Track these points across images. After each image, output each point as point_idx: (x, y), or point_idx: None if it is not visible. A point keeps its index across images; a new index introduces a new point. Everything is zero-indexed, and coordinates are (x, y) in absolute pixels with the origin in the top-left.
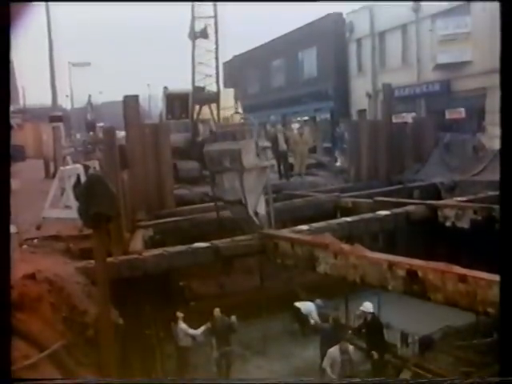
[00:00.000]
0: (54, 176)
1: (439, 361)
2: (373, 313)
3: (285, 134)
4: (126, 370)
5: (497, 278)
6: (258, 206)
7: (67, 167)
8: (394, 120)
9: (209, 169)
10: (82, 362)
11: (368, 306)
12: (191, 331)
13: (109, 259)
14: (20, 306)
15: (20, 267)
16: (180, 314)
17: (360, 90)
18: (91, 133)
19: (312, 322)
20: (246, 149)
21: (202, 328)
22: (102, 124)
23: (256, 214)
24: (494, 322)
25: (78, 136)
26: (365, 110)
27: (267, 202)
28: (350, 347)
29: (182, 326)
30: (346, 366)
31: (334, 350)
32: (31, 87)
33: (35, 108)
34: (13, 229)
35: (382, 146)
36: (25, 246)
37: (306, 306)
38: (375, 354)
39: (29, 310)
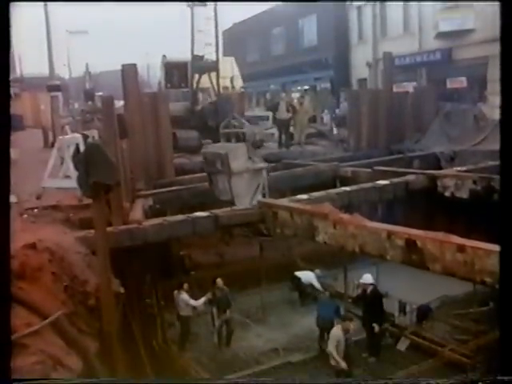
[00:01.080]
0: (52, 145)
1: (436, 329)
2: (373, 284)
3: (287, 102)
4: (126, 339)
5: (495, 247)
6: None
7: (66, 136)
8: (394, 89)
9: (205, 169)
10: (83, 331)
11: (367, 278)
12: (192, 302)
13: (109, 229)
14: (21, 275)
15: (20, 237)
16: (185, 285)
17: (360, 59)
18: (90, 102)
19: (316, 288)
20: (235, 153)
21: (203, 299)
22: (100, 93)
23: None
24: (490, 291)
25: (77, 105)
26: (365, 79)
27: None
28: (351, 325)
29: (184, 296)
30: (349, 345)
31: (336, 331)
32: (28, 56)
33: (32, 77)
34: (13, 198)
35: (382, 116)
36: (25, 216)
37: (306, 276)
38: (376, 327)
39: (30, 279)
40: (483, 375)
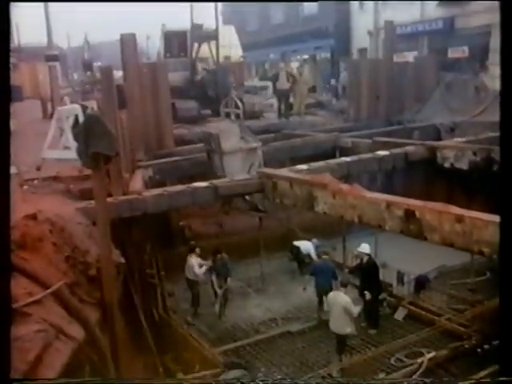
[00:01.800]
0: (51, 116)
1: (433, 299)
2: (369, 254)
3: (287, 72)
4: (127, 308)
5: (493, 218)
6: None
7: (65, 107)
8: (395, 59)
9: (204, 147)
10: (84, 300)
11: (364, 248)
12: (196, 269)
13: (109, 199)
14: (22, 246)
15: (21, 208)
16: (197, 249)
17: (361, 28)
18: (88, 72)
19: (312, 259)
20: (226, 133)
21: (204, 268)
22: (99, 63)
23: None
24: (488, 261)
25: (76, 76)
26: (366, 49)
27: None
28: (345, 299)
29: (192, 260)
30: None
31: (345, 297)
32: (25, 25)
33: (30, 47)
34: (12, 169)
35: (383, 86)
36: (25, 187)
37: (304, 245)
38: (368, 295)
39: (31, 249)
40: (478, 343)
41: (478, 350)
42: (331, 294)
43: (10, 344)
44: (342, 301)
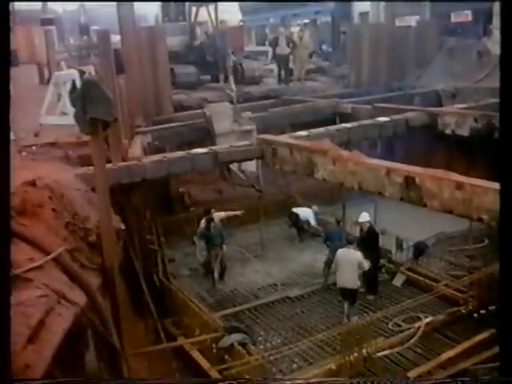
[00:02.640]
0: (48, 82)
1: (432, 265)
2: (369, 222)
3: (287, 36)
4: (128, 274)
5: (493, 185)
6: (244, 164)
7: (62, 72)
8: (396, 23)
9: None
10: (85, 266)
11: (364, 217)
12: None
13: (108, 166)
14: (22, 212)
15: (20, 174)
16: (212, 210)
17: None
18: (85, 37)
19: (312, 226)
20: (220, 115)
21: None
22: (96, 27)
23: (241, 170)
24: (486, 228)
25: (72, 41)
26: (367, 13)
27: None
28: (356, 253)
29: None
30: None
31: (357, 254)
32: None
33: (25, 10)
34: (10, 136)
35: (384, 51)
36: (23, 153)
37: (303, 212)
38: (369, 263)
39: (31, 215)
40: (475, 309)
41: (475, 315)
42: (341, 251)
43: (11, 321)
44: (354, 256)
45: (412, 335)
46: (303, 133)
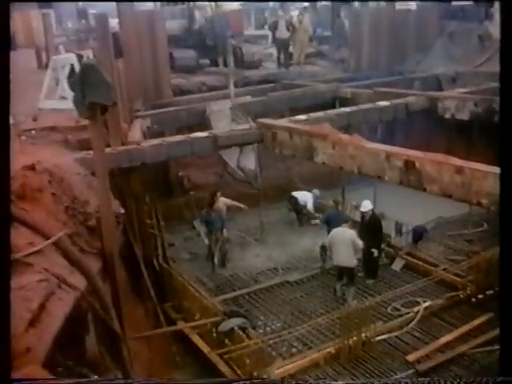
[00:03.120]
0: (46, 66)
1: (431, 250)
2: (372, 210)
3: (286, 20)
4: (127, 258)
5: (493, 169)
6: (244, 161)
7: (60, 56)
8: (397, 7)
9: None
10: (85, 251)
11: (366, 205)
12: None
13: (107, 150)
14: (22, 196)
15: (19, 158)
16: (218, 194)
17: None
18: (83, 21)
19: (307, 210)
20: (217, 114)
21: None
22: (94, 11)
23: (240, 168)
24: (485, 212)
25: (70, 24)
26: None
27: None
28: (351, 232)
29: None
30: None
31: (351, 231)
32: None
33: None
34: (10, 120)
35: (384, 35)
36: (22, 138)
37: (302, 196)
38: (375, 252)
39: (31, 200)
40: (473, 293)
41: (473, 299)
42: (334, 230)
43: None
44: (348, 234)
45: (411, 319)
46: (303, 117)
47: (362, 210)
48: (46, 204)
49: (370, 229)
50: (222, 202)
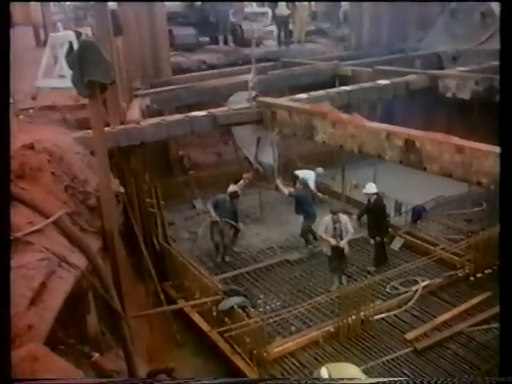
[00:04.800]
0: (45, 44)
1: (430, 229)
2: (377, 193)
3: None
4: (128, 237)
5: (493, 148)
6: (261, 155)
7: (58, 34)
8: None
9: None
10: (85, 230)
11: (371, 188)
12: (231, 187)
13: (106, 129)
14: (21, 176)
15: (18, 137)
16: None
17: None
18: None
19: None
20: (235, 105)
21: (239, 183)
22: None
23: (259, 162)
24: (485, 192)
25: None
26: None
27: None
28: (343, 217)
29: (231, 187)
30: (337, 232)
31: (327, 218)
32: None
33: None
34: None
35: (385, 12)
36: (21, 117)
37: (304, 174)
38: (377, 239)
39: (30, 179)
40: (471, 272)
41: (471, 278)
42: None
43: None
44: (343, 220)
45: (409, 298)
46: (303, 95)
47: (365, 191)
48: (45, 183)
49: (374, 214)
50: (232, 188)
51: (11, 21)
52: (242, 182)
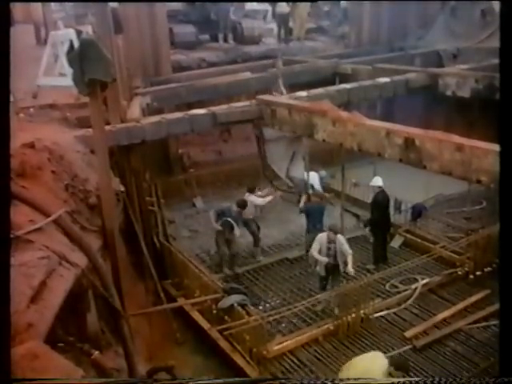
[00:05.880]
0: (45, 42)
1: (430, 227)
2: (379, 187)
3: None
4: (128, 235)
5: (493, 146)
6: (293, 170)
7: (59, 32)
8: None
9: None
10: (85, 228)
11: (377, 181)
12: (259, 201)
13: (107, 127)
14: (22, 174)
15: (18, 136)
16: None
17: None
18: None
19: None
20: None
21: (268, 198)
22: None
23: (290, 178)
24: (485, 190)
25: None
26: None
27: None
28: (340, 237)
29: (252, 197)
30: (331, 252)
31: (322, 236)
32: None
33: None
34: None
35: (385, 11)
36: (21, 115)
37: (310, 176)
38: (378, 235)
39: (31, 177)
40: (471, 270)
41: (471, 276)
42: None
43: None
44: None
45: (409, 296)
46: (303, 93)
47: (371, 184)
48: (45, 182)
49: (375, 209)
50: (253, 201)
51: (12, 19)
52: (271, 197)
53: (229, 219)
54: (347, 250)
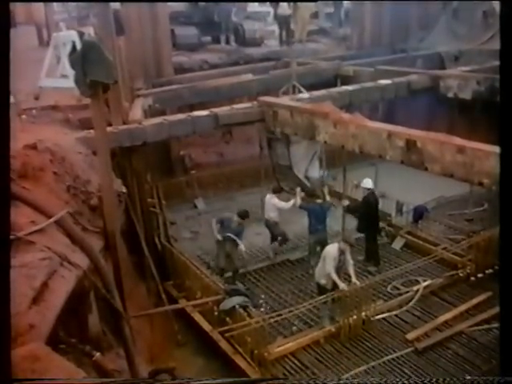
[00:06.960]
0: (48, 44)
1: (431, 229)
2: (371, 189)
3: None
4: (129, 236)
5: (494, 148)
6: (310, 170)
7: (61, 33)
8: None
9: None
10: (87, 229)
11: (367, 183)
12: (282, 204)
13: (109, 129)
14: (23, 176)
15: (20, 137)
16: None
17: None
18: None
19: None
20: None
21: (292, 201)
22: None
23: (307, 178)
24: (486, 192)
25: None
26: None
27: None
28: (346, 246)
29: (275, 199)
30: (340, 264)
31: (334, 250)
32: None
33: None
34: (10, 99)
35: (386, 12)
36: (23, 116)
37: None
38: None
39: (32, 179)
40: (472, 272)
41: (472, 278)
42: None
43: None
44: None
45: (410, 298)
46: (304, 95)
47: (362, 185)
48: (47, 183)
49: (364, 209)
50: (274, 204)
51: (14, 20)
52: (293, 201)
53: (230, 235)
54: (349, 261)
